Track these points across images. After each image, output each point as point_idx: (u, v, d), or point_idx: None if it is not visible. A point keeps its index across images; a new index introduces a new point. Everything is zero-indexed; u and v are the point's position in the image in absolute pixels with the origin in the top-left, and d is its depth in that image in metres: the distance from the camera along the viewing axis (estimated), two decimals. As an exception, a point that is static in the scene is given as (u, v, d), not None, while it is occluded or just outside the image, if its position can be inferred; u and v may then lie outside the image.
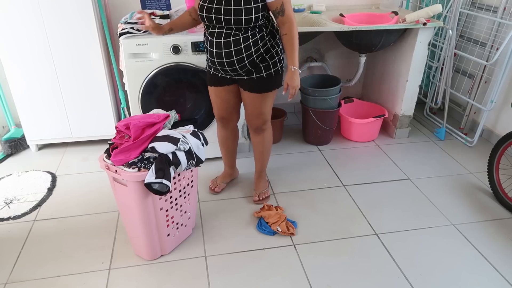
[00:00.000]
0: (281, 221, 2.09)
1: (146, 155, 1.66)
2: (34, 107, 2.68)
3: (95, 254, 1.95)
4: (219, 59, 1.86)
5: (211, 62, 1.92)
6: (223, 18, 1.73)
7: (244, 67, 1.87)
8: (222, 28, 1.78)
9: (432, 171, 2.65)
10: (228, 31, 1.78)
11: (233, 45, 1.80)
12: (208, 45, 1.86)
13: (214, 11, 1.73)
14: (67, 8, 2.42)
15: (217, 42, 1.81)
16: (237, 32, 1.78)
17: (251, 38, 1.81)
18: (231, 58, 1.83)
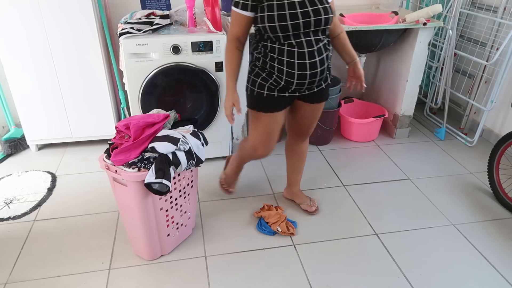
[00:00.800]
0: (281, 221, 2.09)
1: (146, 155, 1.66)
2: (34, 107, 2.68)
3: (95, 254, 1.95)
4: (304, 71, 1.65)
5: (286, 80, 1.69)
6: (313, 20, 1.58)
7: (322, 76, 1.74)
8: (308, 35, 1.62)
9: (432, 171, 2.65)
10: (316, 37, 1.64)
11: (324, 52, 1.67)
12: (297, 58, 1.62)
13: (302, 15, 1.56)
14: (67, 8, 2.42)
15: (310, 52, 1.62)
16: (323, 37, 1.68)
17: (328, 43, 1.72)
18: (321, 66, 1.68)
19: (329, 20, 1.61)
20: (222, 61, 2.38)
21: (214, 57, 2.36)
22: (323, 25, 1.61)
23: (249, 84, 1.79)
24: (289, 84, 1.69)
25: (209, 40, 2.32)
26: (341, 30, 1.81)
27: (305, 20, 1.57)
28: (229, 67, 1.73)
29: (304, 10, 1.56)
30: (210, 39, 2.32)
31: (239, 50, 1.73)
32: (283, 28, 1.56)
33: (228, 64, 1.73)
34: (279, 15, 1.55)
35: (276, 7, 1.55)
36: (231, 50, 1.72)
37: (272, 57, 1.67)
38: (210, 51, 2.34)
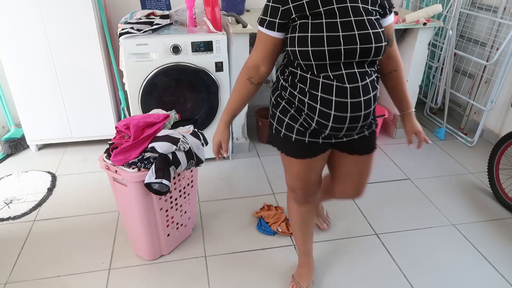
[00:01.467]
0: (281, 221, 2.09)
1: (146, 155, 1.66)
2: (34, 107, 2.67)
3: (95, 254, 1.95)
4: (344, 112, 1.27)
5: (318, 121, 1.30)
6: (360, 48, 1.20)
7: (366, 121, 1.34)
8: (351, 66, 1.24)
9: (432, 171, 2.65)
10: (361, 69, 1.26)
11: (371, 90, 1.29)
12: (335, 94, 1.25)
13: (345, 41, 1.19)
14: (67, 8, 2.42)
15: (353, 89, 1.24)
16: (372, 70, 1.30)
17: (377, 79, 1.34)
18: (366, 109, 1.29)
19: (381, 50, 1.24)
20: (222, 61, 2.39)
21: (214, 57, 2.36)
22: (373, 56, 1.24)
23: (274, 121, 1.42)
24: (321, 127, 1.31)
25: (209, 40, 2.32)
26: (396, 66, 1.43)
27: (349, 48, 1.20)
28: (232, 99, 1.41)
29: (349, 34, 1.19)
30: (210, 39, 2.32)
31: (253, 84, 1.37)
32: (319, 55, 1.20)
33: (232, 96, 1.41)
34: (313, 38, 1.19)
35: (311, 27, 1.20)
36: (241, 81, 1.37)
37: (302, 89, 1.30)
38: (210, 51, 2.34)
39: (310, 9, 1.20)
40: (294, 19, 1.23)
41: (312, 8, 1.20)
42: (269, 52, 1.34)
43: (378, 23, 1.23)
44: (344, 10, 1.20)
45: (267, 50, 1.33)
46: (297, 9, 1.21)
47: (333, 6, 1.20)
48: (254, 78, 1.37)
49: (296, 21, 1.23)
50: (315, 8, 1.20)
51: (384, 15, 1.29)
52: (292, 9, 1.22)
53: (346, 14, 1.20)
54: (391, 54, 1.40)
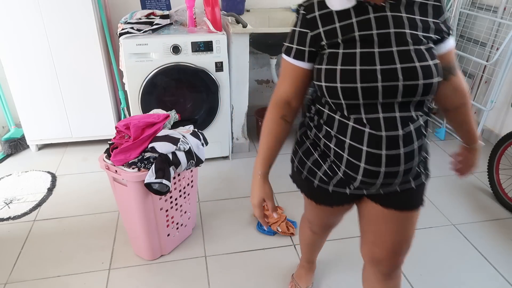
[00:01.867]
0: (281, 221, 2.09)
1: (146, 155, 1.66)
2: (34, 107, 2.67)
3: (95, 254, 1.95)
4: (377, 166, 1.02)
5: (345, 172, 1.08)
6: (403, 86, 0.96)
7: (410, 172, 1.07)
8: (390, 109, 0.99)
9: (432, 171, 2.64)
10: (405, 113, 1.00)
11: (415, 139, 1.02)
12: (366, 143, 1.01)
13: (384, 76, 0.95)
14: (67, 8, 2.42)
15: (391, 138, 0.99)
16: (420, 113, 1.03)
17: (426, 124, 1.07)
18: (408, 162, 1.03)
19: (430, 88, 0.98)
20: (222, 61, 2.38)
21: (214, 57, 2.36)
22: (421, 95, 0.99)
23: (295, 159, 1.24)
24: (349, 179, 1.09)
25: (209, 40, 2.32)
26: (464, 99, 1.14)
27: (389, 85, 0.96)
28: (266, 144, 1.17)
29: (389, 67, 0.96)
30: (210, 39, 2.32)
31: (287, 122, 1.13)
32: (350, 93, 0.98)
33: (265, 140, 1.17)
34: (344, 72, 0.97)
35: (342, 57, 0.98)
36: (275, 121, 1.13)
37: (328, 132, 1.08)
38: (210, 51, 2.34)
39: (344, 34, 0.98)
40: (323, 47, 1.01)
41: (345, 33, 0.98)
42: (300, 86, 1.10)
43: (430, 54, 0.99)
44: (385, 37, 0.97)
45: (297, 84, 1.10)
46: (328, 34, 1.00)
47: (371, 32, 0.97)
48: (288, 116, 1.13)
49: (325, 49, 1.01)
50: (349, 33, 0.98)
51: (441, 40, 1.03)
52: (323, 34, 1.00)
53: (387, 43, 0.97)
54: (456, 84, 1.11)
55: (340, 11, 1.00)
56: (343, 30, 0.99)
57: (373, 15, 0.98)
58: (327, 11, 1.01)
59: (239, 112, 2.70)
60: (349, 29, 0.98)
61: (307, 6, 1.03)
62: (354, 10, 0.99)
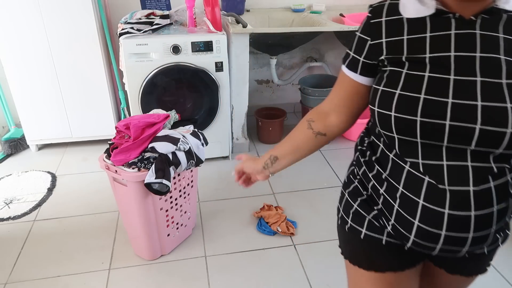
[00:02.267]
0: (281, 221, 2.09)
1: (146, 155, 1.66)
2: (34, 107, 2.67)
3: (95, 254, 1.95)
4: (437, 228, 0.79)
5: (394, 227, 0.86)
6: (481, 131, 0.72)
7: (483, 241, 0.83)
8: (461, 155, 0.76)
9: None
10: (481, 164, 0.76)
11: (496, 199, 0.77)
12: (424, 196, 0.79)
13: (455, 113, 0.73)
14: (67, 8, 2.42)
15: (457, 193, 0.77)
16: (501, 165, 0.77)
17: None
18: (483, 229, 0.79)
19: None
20: (222, 61, 2.38)
21: (214, 57, 2.36)
22: (506, 148, 0.73)
23: (341, 206, 1.01)
24: (400, 237, 0.87)
25: (209, 40, 2.32)
26: None
27: (460, 126, 0.72)
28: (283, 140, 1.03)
29: (465, 103, 0.72)
30: (210, 39, 2.32)
31: (311, 130, 0.97)
32: (404, 126, 0.77)
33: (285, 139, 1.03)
34: (403, 98, 0.76)
35: (405, 79, 0.77)
36: (301, 122, 1.00)
37: (378, 173, 0.88)
38: (210, 51, 2.34)
39: (411, 51, 0.77)
40: (383, 62, 0.82)
41: (413, 50, 0.77)
42: (345, 101, 0.93)
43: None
44: (468, 62, 0.73)
45: (342, 96, 0.93)
46: (391, 47, 0.80)
47: (448, 54, 0.74)
48: (316, 124, 0.97)
49: (386, 66, 0.82)
50: (417, 51, 0.76)
51: None
52: (385, 46, 0.81)
53: (469, 70, 0.72)
54: None
55: (412, 19, 0.78)
56: (411, 45, 0.78)
57: (455, 32, 0.75)
58: (397, 17, 0.80)
59: (239, 112, 2.70)
60: (419, 45, 0.77)
61: (375, 8, 0.84)
62: (431, 22, 0.77)
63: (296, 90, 3.25)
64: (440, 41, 0.75)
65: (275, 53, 2.91)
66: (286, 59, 3.23)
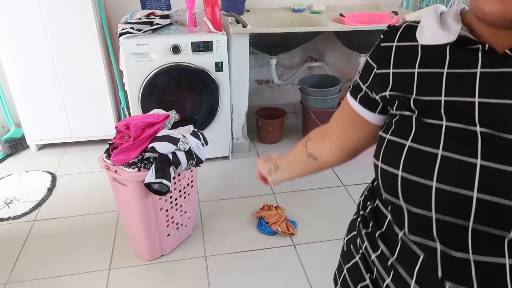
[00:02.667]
0: (281, 221, 2.09)
1: (146, 155, 1.66)
2: (34, 107, 2.67)
3: (95, 254, 1.95)
4: None
5: None
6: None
7: None
8: (492, 245, 0.53)
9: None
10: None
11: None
12: (416, 279, 0.60)
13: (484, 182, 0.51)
14: (67, 8, 2.42)
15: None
16: None
17: None
18: None
19: None
20: (222, 61, 2.38)
21: (214, 57, 2.36)
22: None
23: (339, 279, 0.97)
24: None
25: (209, 40, 2.32)
26: None
27: (492, 202, 0.51)
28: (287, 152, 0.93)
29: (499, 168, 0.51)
30: (210, 39, 2.32)
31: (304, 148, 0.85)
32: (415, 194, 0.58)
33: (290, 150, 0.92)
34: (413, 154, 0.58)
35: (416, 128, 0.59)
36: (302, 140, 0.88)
37: (382, 256, 0.69)
38: (210, 51, 2.34)
39: (421, 90, 0.59)
40: (391, 101, 0.65)
41: (424, 89, 0.59)
42: (341, 127, 0.78)
43: None
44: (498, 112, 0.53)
45: (339, 122, 0.79)
46: (398, 81, 0.63)
47: (472, 100, 0.54)
48: (311, 144, 0.85)
49: (394, 107, 0.64)
50: (430, 91, 0.58)
51: None
52: (392, 78, 0.64)
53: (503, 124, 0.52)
54: None
55: (428, 47, 0.61)
56: (422, 82, 0.59)
57: (481, 70, 0.55)
58: (411, 44, 0.63)
59: (239, 112, 2.70)
60: (433, 83, 0.58)
61: (390, 29, 0.69)
62: (451, 53, 0.58)
63: (296, 90, 3.25)
64: (460, 80, 0.56)
65: (275, 53, 2.91)
66: (286, 59, 3.23)
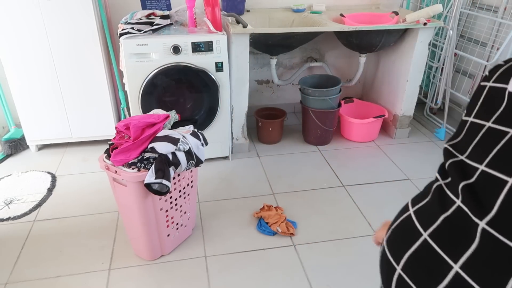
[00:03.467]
0: (281, 222, 2.09)
1: (146, 155, 1.66)
2: (34, 107, 2.67)
3: (95, 254, 1.95)
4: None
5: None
6: None
7: None
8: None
9: (432, 171, 2.65)
10: None
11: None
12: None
13: None
14: (68, 8, 2.42)
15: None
16: None
17: None
18: None
19: None
20: (222, 61, 2.38)
21: (214, 57, 2.36)
22: None
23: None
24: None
25: (209, 40, 2.32)
26: None
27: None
28: None
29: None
30: (210, 40, 2.32)
31: None
32: None
33: None
34: None
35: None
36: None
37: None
38: (210, 51, 2.34)
39: (476, 154, 0.56)
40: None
41: (478, 153, 0.56)
42: None
43: None
44: None
45: None
46: (465, 135, 0.61)
47: None
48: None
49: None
50: (481, 156, 0.55)
51: None
52: (465, 130, 0.62)
53: None
54: None
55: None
56: (481, 143, 0.54)
57: None
58: (502, 86, 0.55)
59: (239, 112, 2.70)
60: (490, 147, 0.52)
61: (498, 66, 0.60)
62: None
63: (296, 90, 3.25)
64: None
65: (275, 53, 2.91)
66: (286, 59, 3.23)
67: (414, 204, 0.75)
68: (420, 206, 0.71)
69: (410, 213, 0.73)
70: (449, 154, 0.64)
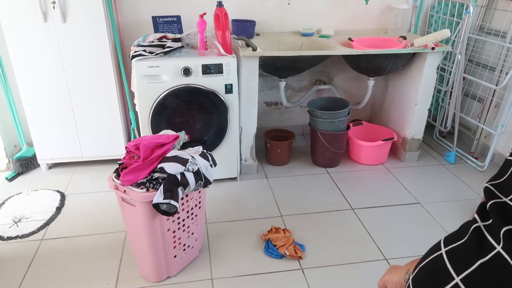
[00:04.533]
0: (289, 244, 2.06)
1: (155, 175, 1.66)
2: (46, 126, 2.72)
3: (101, 274, 1.94)
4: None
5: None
6: None
7: None
8: None
9: (442, 196, 2.61)
10: None
11: None
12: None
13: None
14: (82, 30, 2.49)
15: None
16: None
17: None
18: None
19: None
20: (231, 83, 2.42)
21: (224, 79, 2.39)
22: None
23: None
24: None
25: (219, 62, 2.36)
26: None
27: None
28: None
29: None
30: (220, 62, 2.36)
31: None
32: None
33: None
34: None
35: None
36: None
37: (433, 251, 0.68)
38: (220, 73, 2.38)
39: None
40: None
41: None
42: None
43: None
44: None
45: None
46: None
47: None
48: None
49: None
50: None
51: None
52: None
53: None
54: None
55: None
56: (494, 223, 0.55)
57: None
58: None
59: (247, 134, 2.71)
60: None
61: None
62: None
63: (304, 112, 3.27)
64: None
65: (284, 76, 2.94)
66: (295, 82, 3.26)
67: (447, 243, 0.68)
68: (454, 247, 0.66)
69: (442, 253, 0.67)
70: (491, 195, 0.63)
